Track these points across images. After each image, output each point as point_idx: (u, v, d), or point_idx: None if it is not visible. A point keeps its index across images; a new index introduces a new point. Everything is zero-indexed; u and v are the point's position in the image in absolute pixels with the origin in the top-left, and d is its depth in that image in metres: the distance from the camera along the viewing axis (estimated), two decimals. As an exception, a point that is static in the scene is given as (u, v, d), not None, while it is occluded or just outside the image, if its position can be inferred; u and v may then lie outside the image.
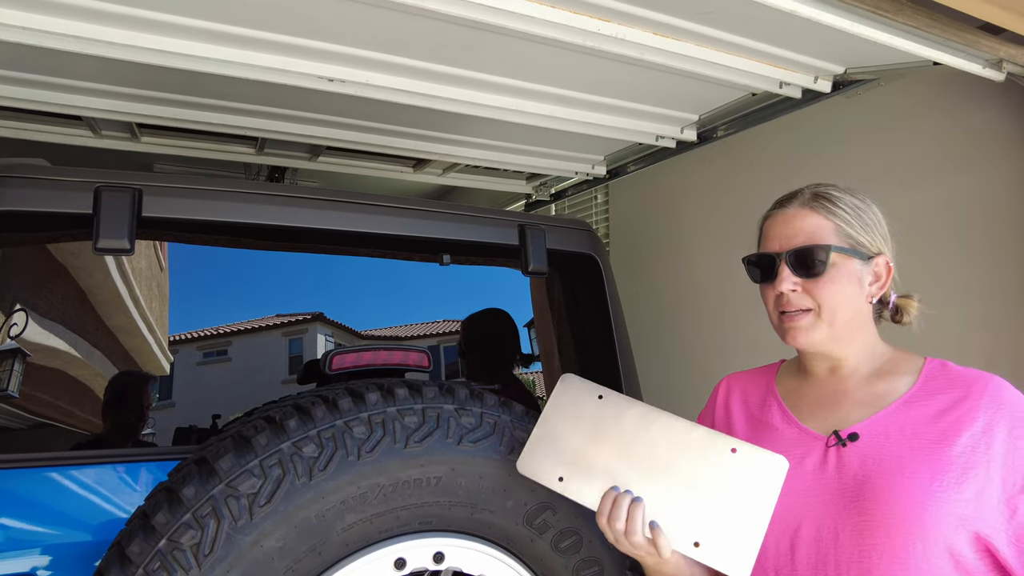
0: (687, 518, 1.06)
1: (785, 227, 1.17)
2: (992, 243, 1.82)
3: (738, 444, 1.09)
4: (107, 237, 1.36)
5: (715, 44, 1.69)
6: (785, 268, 1.14)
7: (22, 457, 1.30)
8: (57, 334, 1.39)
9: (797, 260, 1.14)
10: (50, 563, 1.28)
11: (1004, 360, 1.76)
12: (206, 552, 1.03)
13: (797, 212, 1.17)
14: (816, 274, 1.13)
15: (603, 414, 1.15)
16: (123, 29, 1.58)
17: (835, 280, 1.13)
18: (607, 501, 1.09)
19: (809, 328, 1.14)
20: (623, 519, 1.06)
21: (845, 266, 1.14)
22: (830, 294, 1.13)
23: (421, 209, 1.72)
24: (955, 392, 1.09)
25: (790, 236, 1.16)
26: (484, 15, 1.45)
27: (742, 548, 1.03)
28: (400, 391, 1.20)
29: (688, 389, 2.76)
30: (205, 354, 1.54)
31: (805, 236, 1.15)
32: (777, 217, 1.20)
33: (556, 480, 1.13)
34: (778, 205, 1.22)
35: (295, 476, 1.09)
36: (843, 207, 1.16)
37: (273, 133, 2.32)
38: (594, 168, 2.89)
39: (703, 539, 1.04)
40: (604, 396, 1.17)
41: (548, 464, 1.14)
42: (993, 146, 1.83)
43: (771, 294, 1.18)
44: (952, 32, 1.49)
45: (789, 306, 1.15)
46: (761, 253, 1.21)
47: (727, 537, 1.04)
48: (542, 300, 1.95)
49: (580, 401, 1.17)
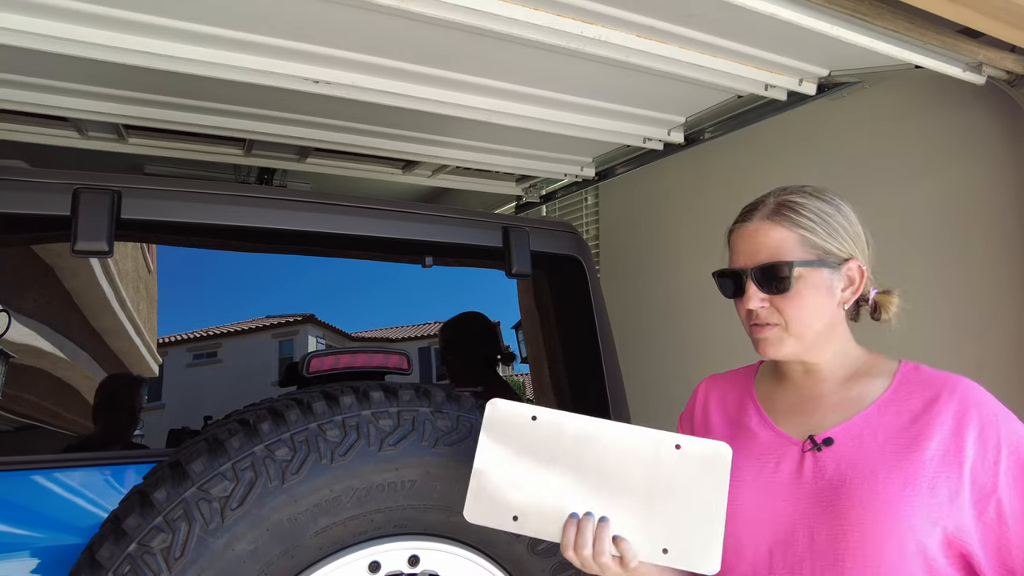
0: (649, 526, 1.04)
1: (748, 242, 1.16)
2: (975, 245, 1.83)
3: (680, 439, 1.07)
4: (85, 239, 1.36)
5: (698, 47, 1.69)
6: (752, 285, 1.13)
7: (4, 460, 1.30)
8: (41, 336, 1.39)
9: (762, 277, 1.12)
10: (35, 567, 1.28)
11: (992, 363, 1.76)
12: (177, 555, 1.02)
13: (759, 227, 1.15)
14: (782, 290, 1.11)
15: (541, 436, 1.08)
16: (108, 31, 1.58)
17: (801, 295, 1.11)
18: (570, 531, 1.05)
19: (777, 341, 1.14)
20: (590, 545, 1.03)
21: (812, 278, 1.12)
22: (796, 309, 1.12)
23: (403, 211, 1.72)
24: (927, 395, 1.09)
25: (753, 252, 1.15)
26: (467, 17, 1.45)
27: (707, 544, 1.02)
28: (375, 394, 1.20)
29: (677, 390, 2.76)
30: (195, 356, 1.54)
31: (768, 252, 1.13)
32: (740, 232, 1.19)
33: (511, 521, 1.06)
34: (741, 218, 1.20)
35: (267, 479, 1.09)
36: (807, 215, 1.14)
37: (261, 135, 2.32)
38: (583, 170, 2.90)
39: (669, 544, 1.03)
40: (538, 416, 1.09)
41: (498, 506, 1.05)
42: (975, 148, 1.83)
43: (741, 309, 1.18)
44: (932, 36, 1.50)
45: (759, 319, 1.15)
46: (728, 269, 1.20)
47: (691, 536, 1.02)
48: (528, 302, 1.96)
49: (514, 428, 1.08)
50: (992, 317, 1.78)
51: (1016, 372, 1.71)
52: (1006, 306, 1.75)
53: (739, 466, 1.15)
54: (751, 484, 1.12)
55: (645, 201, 3.05)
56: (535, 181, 3.26)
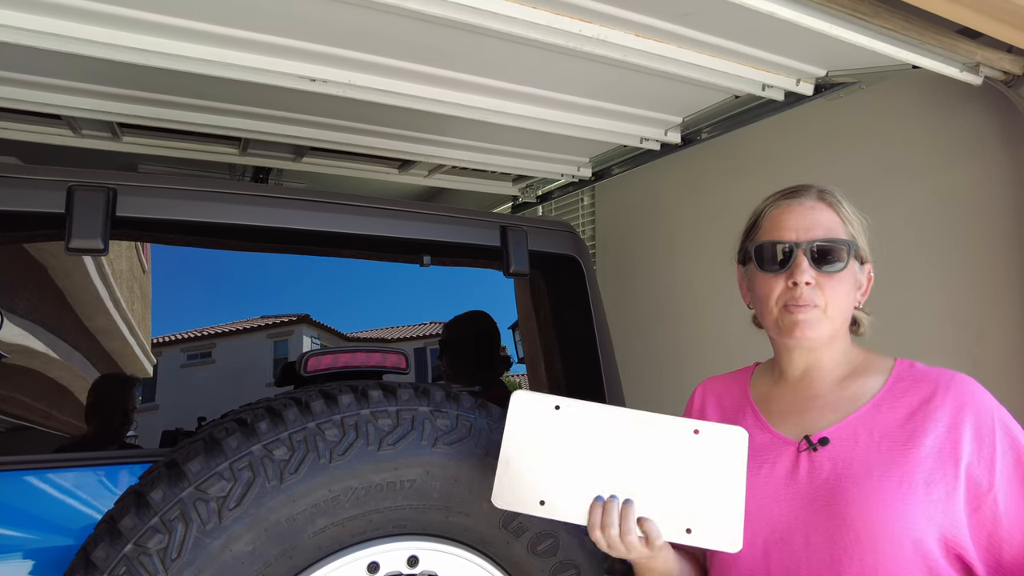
0: (673, 508, 1.07)
1: (803, 218, 1.14)
2: (972, 244, 1.83)
3: (698, 425, 1.10)
4: (80, 237, 1.34)
5: (697, 46, 1.69)
6: (804, 259, 1.11)
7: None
8: (35, 336, 1.37)
9: (819, 253, 1.11)
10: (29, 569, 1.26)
11: (989, 360, 1.77)
12: (173, 556, 1.01)
13: (815, 204, 1.15)
14: (835, 270, 1.11)
15: (564, 425, 1.12)
16: (102, 27, 1.57)
17: (845, 280, 1.12)
18: (596, 512, 1.07)
19: (815, 323, 1.11)
20: (616, 524, 1.05)
21: (852, 266, 1.14)
22: (839, 293, 1.12)
23: (400, 210, 1.71)
24: (922, 392, 1.09)
25: (808, 227, 1.13)
26: (465, 15, 1.45)
27: (729, 523, 1.05)
28: (374, 393, 1.19)
29: (674, 390, 2.76)
30: (189, 356, 1.53)
31: (824, 230, 1.13)
32: (792, 206, 1.16)
33: (538, 505, 1.10)
34: (790, 195, 1.18)
35: (265, 479, 1.08)
36: (849, 209, 1.16)
37: (256, 133, 2.31)
38: (579, 170, 2.89)
39: (693, 524, 1.06)
40: (561, 406, 1.14)
41: (524, 491, 1.11)
42: (972, 149, 1.84)
43: (777, 285, 1.13)
44: (929, 36, 1.50)
45: (800, 300, 1.11)
46: (776, 240, 1.14)
47: (713, 516, 1.06)
48: (526, 302, 1.95)
49: (538, 417, 1.13)
50: (988, 315, 1.79)
51: (1013, 370, 1.72)
52: (1002, 305, 1.76)
53: None
54: (748, 485, 1.12)
55: (641, 202, 3.05)
56: (532, 181, 3.25)
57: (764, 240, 1.17)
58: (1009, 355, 1.73)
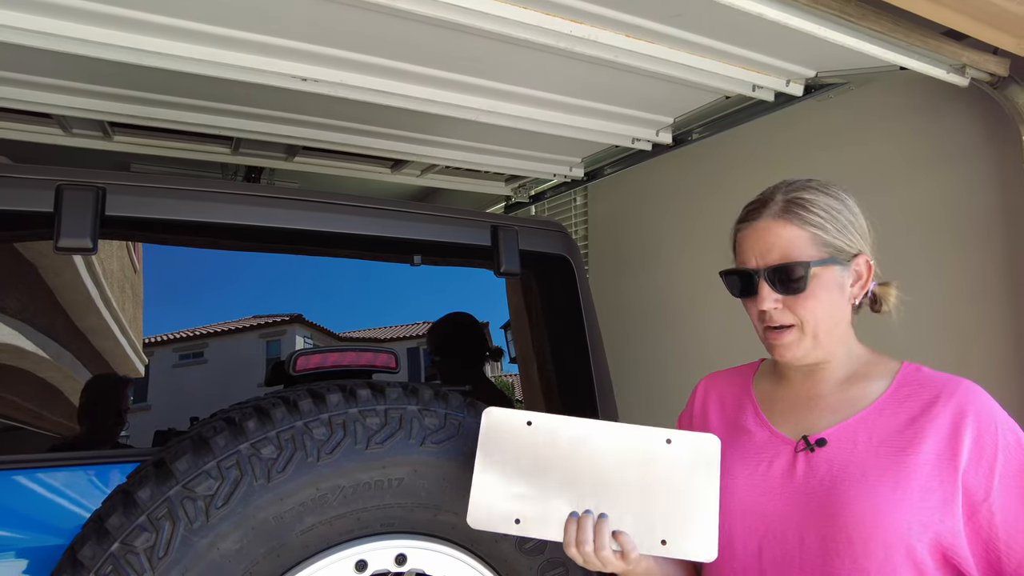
0: (647, 519, 1.06)
1: (758, 242, 1.12)
2: (960, 244, 1.84)
3: (670, 434, 1.10)
4: (68, 236, 1.34)
5: (687, 47, 1.70)
6: (765, 286, 1.10)
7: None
8: (24, 335, 1.37)
9: (776, 277, 1.10)
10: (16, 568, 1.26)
11: (976, 362, 1.78)
12: (160, 555, 1.01)
13: (769, 225, 1.12)
14: (796, 291, 1.09)
15: (537, 440, 1.11)
16: (93, 26, 1.56)
17: (816, 294, 1.09)
18: (571, 529, 1.07)
19: (794, 344, 1.11)
20: (591, 541, 1.05)
21: (825, 276, 1.10)
22: (811, 308, 1.09)
23: (392, 209, 1.71)
24: (925, 397, 1.07)
25: (764, 252, 1.11)
26: (455, 15, 1.45)
27: (703, 533, 1.05)
28: (362, 392, 1.19)
29: (666, 390, 2.77)
30: (181, 356, 1.52)
31: (780, 252, 1.10)
32: (749, 230, 1.15)
33: (513, 523, 1.10)
34: (749, 216, 1.16)
35: (253, 478, 1.08)
36: (817, 212, 1.11)
37: (248, 133, 2.31)
38: (572, 170, 2.90)
39: (667, 535, 1.06)
40: (532, 421, 1.13)
41: (499, 510, 1.10)
42: (959, 149, 1.86)
43: (753, 309, 1.15)
44: (916, 38, 1.51)
45: (772, 322, 1.12)
46: (739, 269, 1.16)
47: (687, 527, 1.05)
48: (517, 302, 1.95)
49: (510, 434, 1.12)
50: (978, 316, 1.80)
51: (1003, 371, 1.73)
52: (993, 305, 1.77)
53: (733, 464, 1.15)
54: (744, 482, 1.12)
55: (633, 202, 3.06)
56: (524, 181, 3.26)
57: (729, 268, 1.18)
58: (996, 356, 1.74)
